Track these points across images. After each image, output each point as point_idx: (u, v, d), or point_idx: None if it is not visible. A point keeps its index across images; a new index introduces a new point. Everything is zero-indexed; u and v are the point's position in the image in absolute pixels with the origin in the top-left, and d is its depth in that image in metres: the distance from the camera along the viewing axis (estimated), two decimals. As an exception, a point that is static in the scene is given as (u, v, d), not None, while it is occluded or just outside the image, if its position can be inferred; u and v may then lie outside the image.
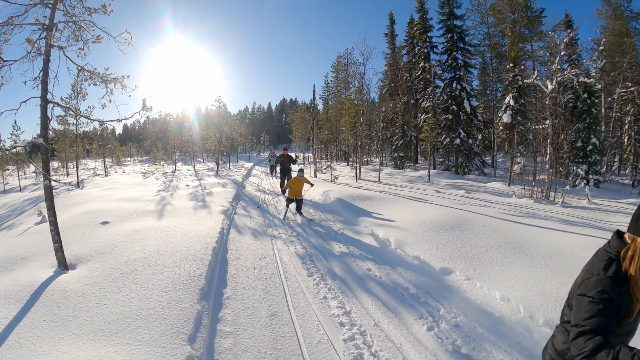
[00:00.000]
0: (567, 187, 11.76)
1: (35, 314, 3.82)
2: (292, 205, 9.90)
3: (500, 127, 19.20)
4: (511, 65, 18.58)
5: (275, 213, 10.19)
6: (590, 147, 16.40)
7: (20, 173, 28.56)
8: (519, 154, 16.73)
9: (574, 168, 16.47)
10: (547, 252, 5.64)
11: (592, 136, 16.47)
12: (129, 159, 66.33)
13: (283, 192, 11.07)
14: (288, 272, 5.64)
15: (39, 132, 5.24)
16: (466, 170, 22.41)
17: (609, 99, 21.41)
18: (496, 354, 3.52)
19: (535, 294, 4.30)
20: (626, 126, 20.64)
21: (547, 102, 13.81)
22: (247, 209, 10.86)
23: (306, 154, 41.34)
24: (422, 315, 4.23)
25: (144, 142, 66.47)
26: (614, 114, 21.44)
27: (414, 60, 28.79)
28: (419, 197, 11.54)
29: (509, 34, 20.02)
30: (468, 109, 22.34)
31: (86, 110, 26.27)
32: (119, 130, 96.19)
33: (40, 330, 3.53)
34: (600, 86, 19.44)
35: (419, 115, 27.00)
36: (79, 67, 5.54)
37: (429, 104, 24.82)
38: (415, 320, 4.13)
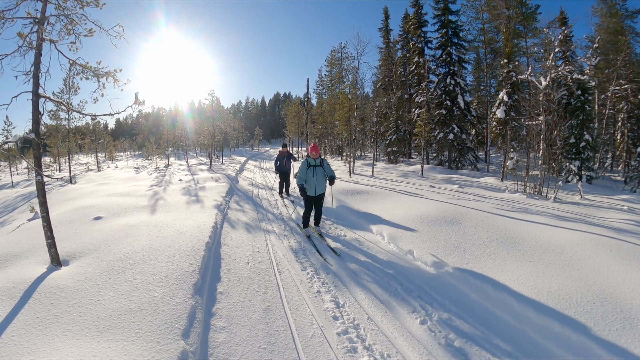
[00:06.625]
0: (560, 182, 11.86)
1: (28, 311, 3.80)
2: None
3: (494, 123, 19.20)
4: (505, 61, 18.57)
5: (268, 207, 10.19)
6: (583, 144, 16.48)
7: (12, 169, 28.25)
8: (512, 150, 16.79)
9: (567, 164, 16.57)
10: (539, 247, 5.70)
11: (585, 133, 16.54)
12: (121, 153, 66.06)
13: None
14: (282, 266, 5.66)
15: (30, 127, 5.19)
16: (459, 165, 22.50)
17: (603, 96, 21.51)
18: (489, 347, 3.56)
19: (527, 288, 4.35)
20: (619, 123, 20.78)
21: (540, 98, 13.89)
22: (240, 203, 10.85)
23: (300, 149, 41.36)
24: (415, 309, 4.26)
25: (137, 137, 66.12)
26: (607, 111, 21.56)
27: (408, 55, 28.78)
28: (412, 191, 11.58)
29: (504, 30, 19.94)
30: (462, 104, 22.39)
31: (78, 104, 26.06)
32: (111, 124, 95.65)
33: (33, 327, 3.51)
34: (594, 83, 19.54)
35: (413, 110, 27.05)
36: (71, 61, 5.48)
37: (422, 99, 24.86)
38: (409, 313, 4.16)
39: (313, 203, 7.24)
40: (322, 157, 7.31)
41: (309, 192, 7.07)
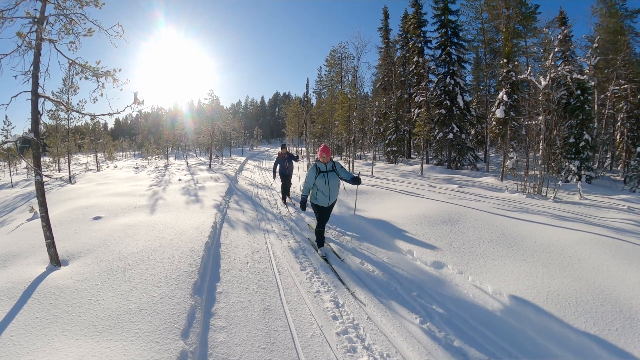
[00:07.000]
0: (559, 182, 11.86)
1: (27, 311, 3.79)
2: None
3: (493, 122, 19.20)
4: (505, 60, 18.57)
5: (268, 207, 10.18)
6: (582, 144, 16.49)
7: (11, 169, 28.23)
8: (511, 149, 16.81)
9: (566, 164, 16.57)
10: (538, 247, 5.70)
11: (584, 132, 16.55)
12: (121, 153, 66.11)
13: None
14: (281, 266, 5.65)
15: (30, 127, 5.18)
16: (459, 165, 22.53)
17: (602, 96, 21.55)
18: (488, 347, 3.56)
19: (526, 287, 4.35)
20: (619, 123, 20.81)
21: (540, 98, 13.88)
22: (240, 203, 10.84)
23: (299, 148, 41.38)
24: (414, 309, 4.26)
25: (136, 137, 66.14)
26: (606, 111, 21.59)
27: (407, 54, 28.79)
28: (411, 191, 11.58)
29: (503, 30, 19.95)
30: (461, 104, 22.42)
31: (78, 104, 26.15)
32: (111, 124, 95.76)
33: (33, 327, 3.51)
34: (593, 83, 19.55)
35: (413, 109, 27.07)
36: (70, 61, 5.48)
37: (422, 99, 24.86)
38: (408, 313, 4.16)
39: (325, 214, 6.16)
40: (334, 160, 6.17)
41: (322, 203, 6.00)
